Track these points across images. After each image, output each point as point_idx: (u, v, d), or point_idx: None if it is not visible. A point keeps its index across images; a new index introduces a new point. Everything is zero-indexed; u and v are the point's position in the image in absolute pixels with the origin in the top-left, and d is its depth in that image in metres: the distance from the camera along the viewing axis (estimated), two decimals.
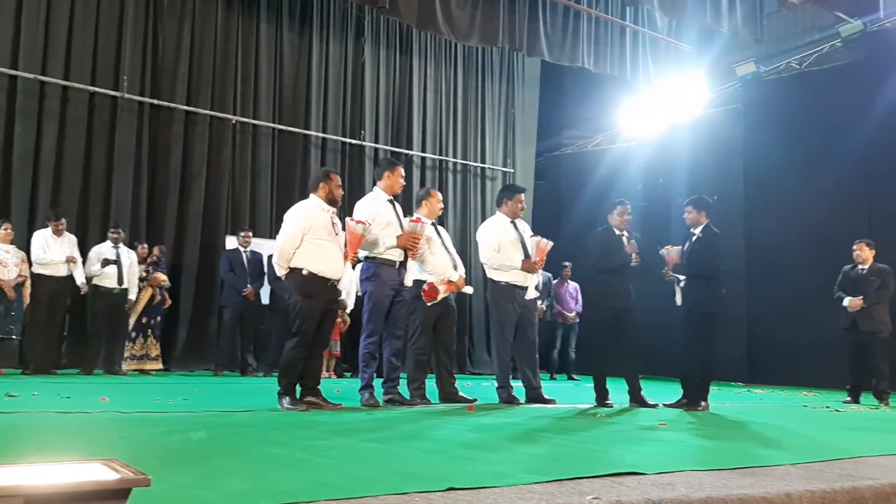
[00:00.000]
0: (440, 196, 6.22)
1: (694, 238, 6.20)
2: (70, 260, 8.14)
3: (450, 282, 5.84)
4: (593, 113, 14.06)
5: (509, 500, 2.03)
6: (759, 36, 11.66)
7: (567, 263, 11.32)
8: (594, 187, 12.75)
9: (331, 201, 5.22)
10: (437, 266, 5.85)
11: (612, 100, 13.45)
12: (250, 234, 9.47)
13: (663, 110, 12.71)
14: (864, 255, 7.85)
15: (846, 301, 7.75)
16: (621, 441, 3.78)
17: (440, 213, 6.23)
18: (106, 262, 8.42)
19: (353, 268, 6.36)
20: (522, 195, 6.35)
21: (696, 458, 3.18)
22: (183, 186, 9.98)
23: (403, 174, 5.80)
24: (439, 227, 6.19)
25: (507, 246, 6.06)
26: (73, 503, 1.35)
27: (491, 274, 6.15)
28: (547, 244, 6.11)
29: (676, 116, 12.60)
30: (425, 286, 5.77)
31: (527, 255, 6.07)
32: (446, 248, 6.03)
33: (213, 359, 9.48)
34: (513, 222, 6.23)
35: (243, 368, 9.28)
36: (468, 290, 6.23)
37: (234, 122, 10.36)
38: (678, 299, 6.15)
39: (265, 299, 9.62)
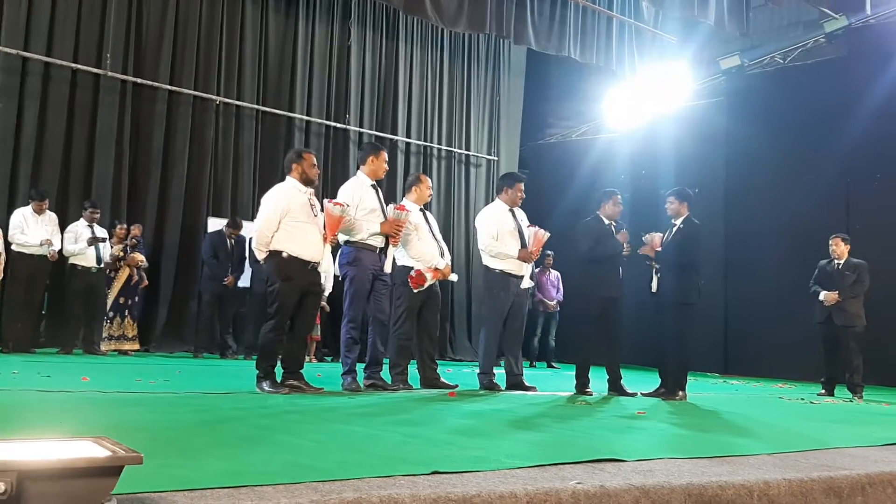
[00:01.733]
0: (430, 182, 6.22)
1: (675, 228, 6.28)
2: (46, 243, 8.02)
3: (436, 269, 5.86)
4: (578, 103, 14.08)
5: (493, 483, 2.06)
6: (744, 29, 11.72)
7: (549, 252, 11.36)
8: (578, 177, 12.79)
9: (306, 181, 5.15)
10: (425, 253, 5.87)
11: (597, 90, 13.47)
12: (239, 231, 9.32)
13: (648, 102, 12.76)
14: (840, 249, 7.94)
15: (822, 295, 7.83)
16: (601, 428, 3.83)
17: (429, 199, 6.23)
18: (93, 241, 8.34)
19: (334, 252, 6.31)
20: (522, 184, 6.33)
21: (674, 446, 3.23)
22: (165, 167, 9.90)
23: (387, 159, 5.79)
24: (428, 214, 6.19)
25: (504, 234, 6.07)
26: (66, 479, 1.35)
27: (487, 261, 6.15)
28: (544, 234, 6.12)
29: (661, 108, 12.65)
30: (413, 273, 5.78)
31: (524, 245, 6.10)
32: (434, 234, 6.04)
33: (192, 340, 9.46)
34: (511, 211, 6.24)
35: (222, 351, 9.27)
36: (453, 277, 6.25)
37: (217, 102, 10.29)
38: (654, 286, 6.23)
39: (245, 282, 9.60)
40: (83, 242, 8.33)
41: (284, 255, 4.96)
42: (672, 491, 1.99)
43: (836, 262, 7.95)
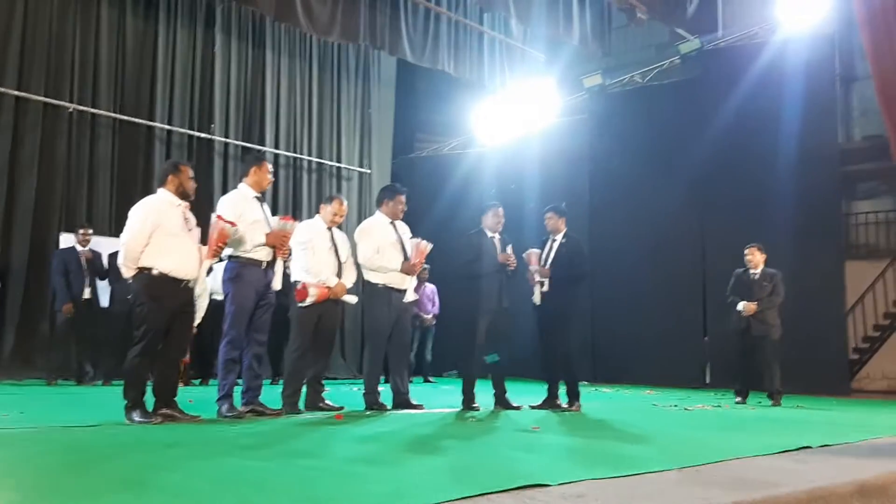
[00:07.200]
0: (345, 207, 5.96)
1: (556, 244, 6.38)
2: None
3: (327, 287, 5.61)
4: (448, 116, 14.14)
5: None
6: (606, 49, 12.18)
7: (426, 266, 11.26)
8: (449, 191, 12.79)
9: (182, 195, 4.83)
10: (316, 268, 5.63)
11: (467, 104, 13.58)
12: (90, 231, 8.72)
13: (516, 117, 12.97)
14: (756, 259, 7.93)
15: (741, 305, 7.80)
16: (505, 447, 3.75)
17: (338, 221, 5.96)
18: None
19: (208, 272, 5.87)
20: (403, 196, 6.18)
21: (588, 463, 3.17)
22: (11, 179, 9.05)
23: (271, 169, 5.50)
24: (336, 232, 5.92)
25: (387, 247, 5.90)
26: None
27: (367, 276, 5.95)
28: (427, 246, 6.00)
29: (528, 124, 12.88)
30: (298, 286, 5.53)
31: (406, 258, 5.96)
32: (337, 253, 5.80)
33: (45, 366, 8.69)
34: (392, 223, 6.09)
35: (80, 377, 8.57)
36: (351, 299, 5.93)
37: (70, 110, 9.55)
38: (536, 299, 6.28)
39: (104, 301, 8.92)
40: None
41: (155, 272, 4.60)
42: None
43: (752, 271, 7.95)
